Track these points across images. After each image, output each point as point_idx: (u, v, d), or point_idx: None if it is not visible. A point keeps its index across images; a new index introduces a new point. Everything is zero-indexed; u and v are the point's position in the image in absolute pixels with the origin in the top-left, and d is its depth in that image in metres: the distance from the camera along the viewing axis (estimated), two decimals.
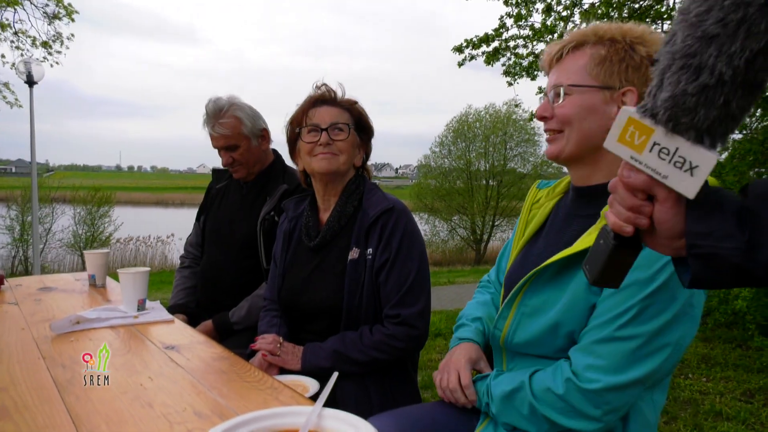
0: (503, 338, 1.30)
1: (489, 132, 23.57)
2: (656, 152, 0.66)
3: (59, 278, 2.60)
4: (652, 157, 0.67)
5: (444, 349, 4.80)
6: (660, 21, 5.90)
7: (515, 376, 1.22)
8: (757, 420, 3.29)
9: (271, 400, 1.15)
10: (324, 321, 1.73)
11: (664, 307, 1.07)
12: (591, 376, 1.10)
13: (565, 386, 1.12)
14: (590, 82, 1.16)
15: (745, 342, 4.78)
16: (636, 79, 1.13)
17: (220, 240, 2.38)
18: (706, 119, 0.62)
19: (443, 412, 1.39)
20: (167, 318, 1.83)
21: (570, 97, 1.18)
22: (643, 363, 1.09)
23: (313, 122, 1.77)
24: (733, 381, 3.95)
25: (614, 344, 1.09)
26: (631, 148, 0.68)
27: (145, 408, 1.10)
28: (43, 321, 1.77)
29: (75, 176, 33.18)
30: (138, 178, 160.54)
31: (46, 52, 10.95)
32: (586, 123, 1.17)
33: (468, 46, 7.08)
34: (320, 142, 1.74)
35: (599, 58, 1.15)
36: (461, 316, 1.57)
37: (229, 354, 1.48)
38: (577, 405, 1.11)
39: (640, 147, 0.68)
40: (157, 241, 16.35)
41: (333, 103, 1.81)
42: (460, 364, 1.37)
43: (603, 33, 1.17)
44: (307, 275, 1.80)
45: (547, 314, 1.19)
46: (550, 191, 1.41)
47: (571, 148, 1.20)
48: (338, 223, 1.77)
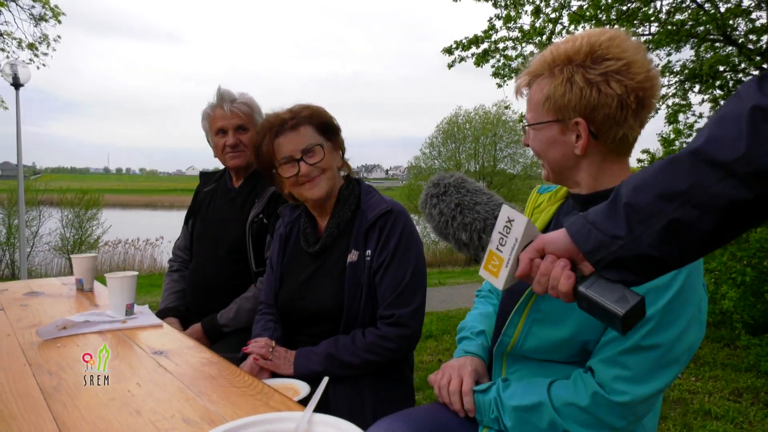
0: (512, 345, 1.28)
1: (479, 133, 23.64)
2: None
3: (46, 283, 2.57)
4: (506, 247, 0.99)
5: (435, 351, 4.80)
6: (647, 23, 5.94)
7: (530, 389, 1.20)
8: (745, 419, 3.32)
9: (261, 406, 1.14)
10: (324, 325, 1.73)
11: (680, 313, 1.08)
12: (619, 387, 1.09)
13: (591, 399, 1.11)
14: (545, 117, 1.20)
15: (732, 341, 4.82)
16: (582, 107, 1.14)
17: (209, 243, 2.37)
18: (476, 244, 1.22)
19: (445, 414, 1.38)
20: (156, 322, 1.81)
21: (533, 133, 1.24)
22: (666, 371, 1.09)
23: (284, 156, 1.72)
24: (722, 380, 3.98)
25: (640, 354, 1.09)
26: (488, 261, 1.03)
27: (132, 415, 1.09)
28: (30, 327, 1.75)
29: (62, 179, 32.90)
30: (126, 180, 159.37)
31: (32, 53, 10.83)
32: (550, 154, 1.23)
33: (458, 47, 7.08)
34: (302, 173, 1.71)
35: (545, 96, 1.18)
36: (463, 327, 1.55)
37: (218, 359, 1.47)
38: (604, 417, 1.11)
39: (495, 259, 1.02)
40: (146, 244, 16.20)
41: (292, 126, 1.73)
42: (466, 371, 1.35)
43: (552, 61, 1.17)
44: (305, 280, 1.79)
45: (561, 321, 1.17)
46: (551, 196, 1.42)
47: (552, 174, 1.27)
48: (337, 229, 1.77)
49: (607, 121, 1.13)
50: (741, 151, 0.70)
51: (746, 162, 0.70)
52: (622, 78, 1.11)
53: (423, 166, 24.65)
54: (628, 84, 1.11)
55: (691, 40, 5.98)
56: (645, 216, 0.78)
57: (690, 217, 0.75)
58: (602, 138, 1.16)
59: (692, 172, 0.74)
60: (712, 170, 0.73)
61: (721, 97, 5.85)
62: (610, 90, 1.10)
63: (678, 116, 5.76)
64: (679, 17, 5.90)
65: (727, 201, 0.72)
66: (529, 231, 0.97)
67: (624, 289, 0.84)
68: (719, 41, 5.79)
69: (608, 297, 0.84)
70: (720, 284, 4.27)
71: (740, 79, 5.42)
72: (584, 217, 0.87)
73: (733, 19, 5.57)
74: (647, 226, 0.78)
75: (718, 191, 0.72)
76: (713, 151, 0.73)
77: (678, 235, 0.77)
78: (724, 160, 0.71)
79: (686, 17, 5.82)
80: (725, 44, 5.75)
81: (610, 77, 1.11)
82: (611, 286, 0.85)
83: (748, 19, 5.68)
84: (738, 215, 0.74)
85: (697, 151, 0.74)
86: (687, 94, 6.19)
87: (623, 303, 0.83)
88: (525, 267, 0.94)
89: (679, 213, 0.76)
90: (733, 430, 3.17)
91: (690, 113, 5.94)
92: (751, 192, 0.71)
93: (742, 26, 5.82)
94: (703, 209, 0.74)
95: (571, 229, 0.88)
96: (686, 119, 6.05)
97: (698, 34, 5.63)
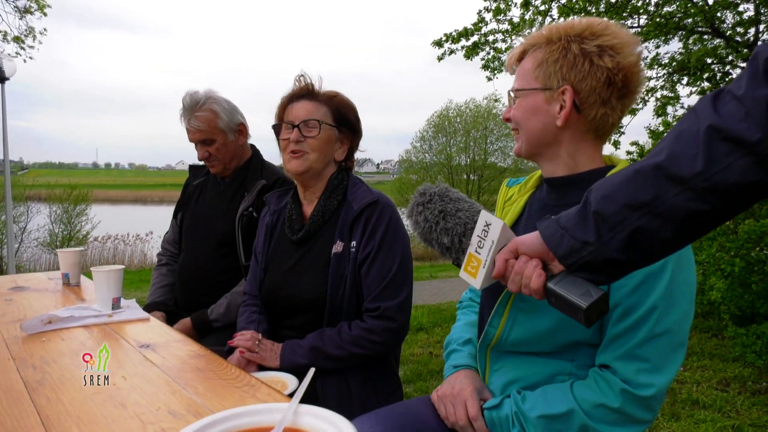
0: (498, 337, 1.26)
1: (469, 127, 23.67)
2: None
3: (32, 277, 2.54)
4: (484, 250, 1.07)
5: (426, 344, 4.81)
6: (636, 15, 5.96)
7: (552, 396, 1.17)
8: (732, 408, 3.35)
9: (248, 398, 1.14)
10: (305, 316, 1.71)
11: (681, 293, 1.10)
12: (644, 381, 1.09)
13: (621, 398, 1.10)
14: (533, 84, 1.23)
15: (720, 332, 4.86)
16: (572, 76, 1.17)
17: (198, 237, 2.35)
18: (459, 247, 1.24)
19: (428, 409, 1.38)
20: (142, 316, 1.80)
21: (519, 100, 1.26)
22: (679, 354, 1.11)
23: (288, 119, 1.75)
24: (710, 370, 4.02)
25: (655, 342, 1.09)
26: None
27: (117, 408, 1.08)
28: (14, 321, 1.73)
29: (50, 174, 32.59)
30: (115, 175, 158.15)
31: (18, 47, 10.67)
32: (531, 123, 1.25)
33: (447, 40, 7.06)
34: (291, 140, 1.72)
35: (538, 62, 1.22)
36: (449, 342, 1.51)
37: (205, 351, 1.45)
38: (635, 413, 1.11)
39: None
40: (135, 239, 16.11)
41: (310, 96, 1.77)
42: (466, 395, 1.30)
43: (549, 34, 1.22)
44: (289, 269, 1.77)
45: (546, 310, 1.15)
46: (521, 187, 1.43)
47: (525, 146, 1.28)
48: (322, 217, 1.75)
49: (592, 95, 1.17)
50: (698, 168, 0.77)
51: (703, 178, 0.77)
52: (614, 54, 1.15)
53: (414, 159, 24.67)
54: (620, 61, 1.15)
55: (680, 33, 6.00)
56: (612, 224, 0.86)
57: (652, 225, 0.83)
58: (584, 112, 1.19)
59: (655, 185, 0.82)
60: (672, 184, 0.80)
61: (709, 89, 5.88)
62: (602, 63, 1.15)
63: (666, 108, 5.79)
64: (667, 9, 5.91)
65: (686, 212, 0.80)
66: (505, 233, 1.05)
67: (588, 285, 0.92)
68: (707, 33, 5.82)
69: (573, 292, 0.92)
70: (708, 276, 4.31)
71: (728, 71, 5.46)
72: (557, 222, 0.94)
73: (721, 11, 5.60)
74: (614, 233, 0.86)
75: (678, 203, 0.80)
76: (673, 167, 0.80)
77: (642, 241, 0.85)
78: (682, 176, 0.79)
79: (675, 9, 5.84)
80: (713, 36, 5.78)
81: (605, 51, 1.15)
82: (577, 282, 0.93)
83: (735, 12, 5.72)
84: (695, 224, 0.82)
85: (659, 166, 0.81)
86: (675, 87, 6.23)
87: (587, 297, 0.91)
88: (500, 267, 1.03)
89: (642, 221, 0.84)
90: (720, 419, 3.20)
91: (678, 105, 5.97)
92: (707, 204, 0.79)
93: (729, 19, 5.85)
94: (664, 218, 0.82)
95: (545, 234, 0.96)
96: (675, 111, 6.08)
97: (686, 26, 5.66)
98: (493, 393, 1.32)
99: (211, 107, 2.25)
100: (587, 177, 1.22)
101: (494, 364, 1.32)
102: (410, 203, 1.29)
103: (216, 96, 2.29)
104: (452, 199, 1.26)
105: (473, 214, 1.22)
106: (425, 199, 1.27)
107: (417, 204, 1.28)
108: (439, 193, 1.27)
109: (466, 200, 1.28)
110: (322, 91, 1.80)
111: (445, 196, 1.26)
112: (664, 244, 0.85)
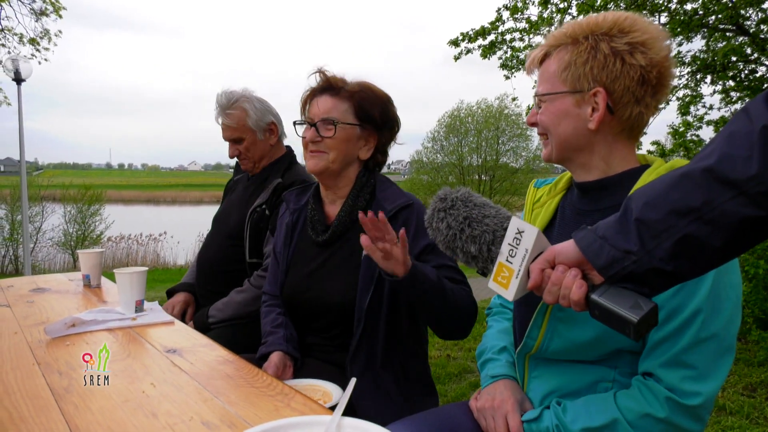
0: (537, 347, 1.21)
1: (481, 127, 23.57)
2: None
3: (52, 279, 2.52)
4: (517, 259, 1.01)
5: (443, 346, 4.75)
6: (657, 13, 5.86)
7: (594, 407, 1.12)
8: (760, 414, 3.26)
9: (283, 407, 1.09)
10: (330, 318, 1.66)
11: (725, 297, 1.04)
12: (690, 389, 1.04)
13: (667, 407, 1.05)
14: (560, 87, 1.17)
15: (744, 335, 4.76)
16: (603, 77, 1.11)
17: (216, 226, 2.43)
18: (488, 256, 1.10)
19: (466, 416, 1.33)
20: (167, 319, 1.76)
21: (546, 105, 1.21)
22: (726, 360, 1.05)
23: (308, 115, 1.70)
24: (735, 375, 3.93)
25: (700, 348, 1.04)
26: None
27: (149, 418, 1.04)
28: (37, 324, 1.70)
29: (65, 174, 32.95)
30: (129, 175, 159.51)
31: (33, 48, 10.76)
32: (561, 128, 1.19)
33: (464, 39, 6.99)
34: (308, 138, 1.67)
35: (565, 64, 1.16)
36: (483, 350, 1.45)
37: (234, 357, 1.41)
38: (682, 423, 1.05)
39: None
40: (149, 239, 16.20)
41: (332, 91, 1.70)
42: (508, 407, 1.24)
43: (573, 33, 1.15)
44: (313, 271, 1.72)
45: (587, 319, 1.09)
46: (551, 188, 1.37)
47: (556, 151, 1.22)
48: (349, 217, 1.69)
49: (625, 94, 1.11)
50: (753, 171, 0.73)
51: (757, 182, 0.73)
52: (646, 50, 1.09)
53: (425, 160, 24.60)
54: (653, 57, 1.09)
55: (702, 30, 5.89)
56: (657, 231, 0.81)
57: (702, 232, 0.78)
58: (618, 113, 1.13)
59: (705, 189, 0.77)
60: (724, 188, 0.76)
61: (732, 88, 5.77)
62: (634, 61, 1.09)
63: (689, 108, 5.69)
64: (689, 6, 5.81)
65: (739, 218, 0.76)
66: (540, 242, 0.98)
67: (636, 296, 0.86)
68: (731, 31, 5.70)
69: (622, 304, 0.85)
70: None
71: (753, 69, 5.34)
72: (594, 232, 0.89)
73: (745, 8, 5.49)
74: (659, 241, 0.81)
75: (730, 208, 0.75)
76: (726, 169, 0.75)
77: (689, 250, 0.80)
78: (736, 179, 0.74)
79: (697, 6, 5.73)
80: (737, 34, 5.66)
81: (636, 48, 1.09)
82: (623, 293, 0.86)
83: (759, 9, 5.59)
84: (748, 231, 0.77)
85: (710, 169, 0.77)
86: (698, 86, 6.11)
87: (637, 310, 0.84)
88: (536, 278, 0.96)
89: (691, 228, 0.79)
90: (748, 425, 3.12)
91: (700, 105, 5.86)
92: (762, 210, 0.74)
93: (753, 16, 5.73)
94: (714, 225, 0.77)
95: (582, 244, 0.90)
96: (696, 111, 5.98)
97: (709, 24, 5.55)
98: (531, 401, 1.27)
99: (242, 105, 2.28)
100: (622, 178, 1.17)
101: (533, 371, 1.27)
102: (429, 209, 1.19)
103: (249, 95, 2.32)
104: (477, 204, 1.16)
105: (501, 220, 1.12)
106: (447, 205, 1.17)
107: (438, 210, 1.18)
108: (462, 198, 1.17)
109: (492, 206, 1.19)
110: (347, 85, 1.72)
111: (469, 201, 1.16)
112: (712, 253, 0.80)
